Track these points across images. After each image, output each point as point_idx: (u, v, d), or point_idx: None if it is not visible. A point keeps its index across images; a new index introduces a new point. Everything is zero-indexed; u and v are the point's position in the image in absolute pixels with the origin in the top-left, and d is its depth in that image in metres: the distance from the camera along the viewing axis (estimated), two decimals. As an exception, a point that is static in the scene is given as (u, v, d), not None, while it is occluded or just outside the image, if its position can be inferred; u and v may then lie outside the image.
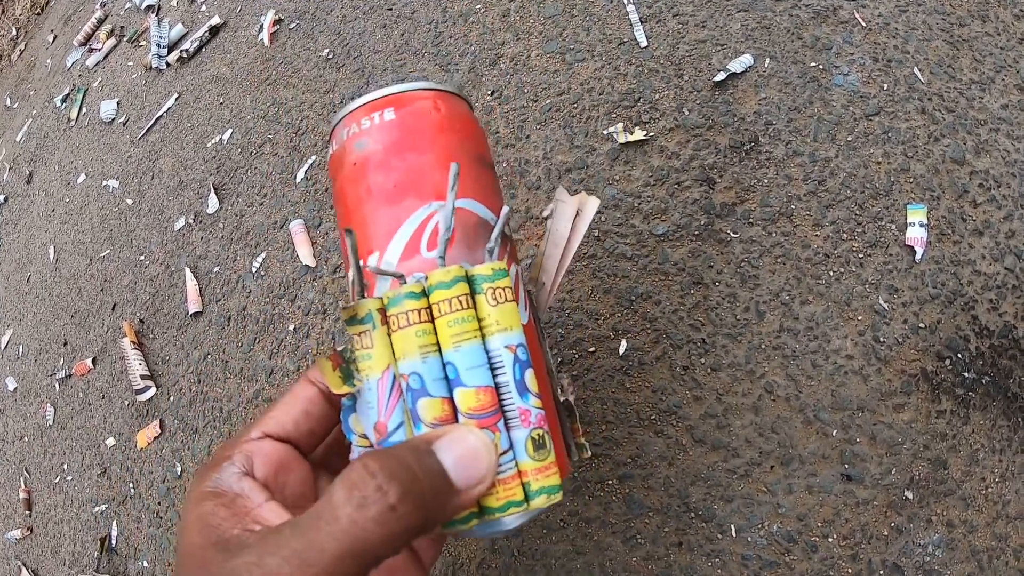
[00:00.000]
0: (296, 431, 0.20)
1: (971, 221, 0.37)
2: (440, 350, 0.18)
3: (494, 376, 0.18)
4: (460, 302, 0.18)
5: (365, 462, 0.15)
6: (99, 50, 0.85)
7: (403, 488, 0.15)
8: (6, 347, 0.73)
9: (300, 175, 0.50)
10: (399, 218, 0.19)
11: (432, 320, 0.18)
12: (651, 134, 0.39)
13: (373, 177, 0.20)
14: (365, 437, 0.18)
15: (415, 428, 0.17)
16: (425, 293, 0.18)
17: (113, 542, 0.52)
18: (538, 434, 0.18)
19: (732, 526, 0.31)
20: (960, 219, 0.37)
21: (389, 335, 0.18)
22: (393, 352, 0.18)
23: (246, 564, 0.15)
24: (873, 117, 0.40)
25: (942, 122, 0.39)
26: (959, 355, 0.35)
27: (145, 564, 0.48)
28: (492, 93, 0.44)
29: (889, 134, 0.39)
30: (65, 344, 0.66)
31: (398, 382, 0.18)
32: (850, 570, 0.31)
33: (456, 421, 0.17)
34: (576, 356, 0.36)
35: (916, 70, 0.41)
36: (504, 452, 0.18)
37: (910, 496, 0.32)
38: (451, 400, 0.18)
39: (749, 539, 0.31)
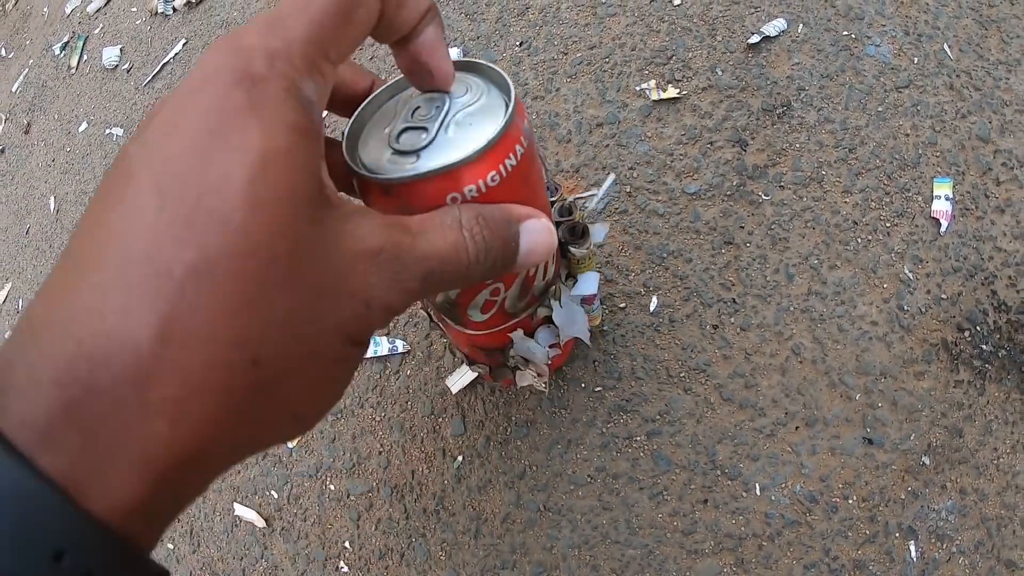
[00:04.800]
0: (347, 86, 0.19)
1: (994, 198, 0.36)
2: None
3: None
4: None
5: (480, 212, 0.16)
6: (101, -2, 0.79)
7: (490, 242, 0.16)
8: (5, 301, 0.68)
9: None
10: None
11: None
12: (684, 92, 0.37)
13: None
14: None
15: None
16: None
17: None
18: None
19: (757, 484, 0.30)
20: (983, 195, 0.36)
21: None
22: None
23: (354, 230, 0.14)
24: (903, 89, 0.38)
25: (969, 99, 0.38)
26: (978, 328, 0.34)
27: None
28: (520, 44, 0.41)
29: (918, 107, 0.37)
30: (63, 295, 0.62)
31: None
32: (867, 531, 0.30)
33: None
34: (606, 311, 0.33)
35: (946, 46, 0.39)
36: None
37: (927, 462, 0.31)
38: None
39: (773, 498, 0.30)
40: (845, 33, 0.39)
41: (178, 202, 0.11)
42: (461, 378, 0.34)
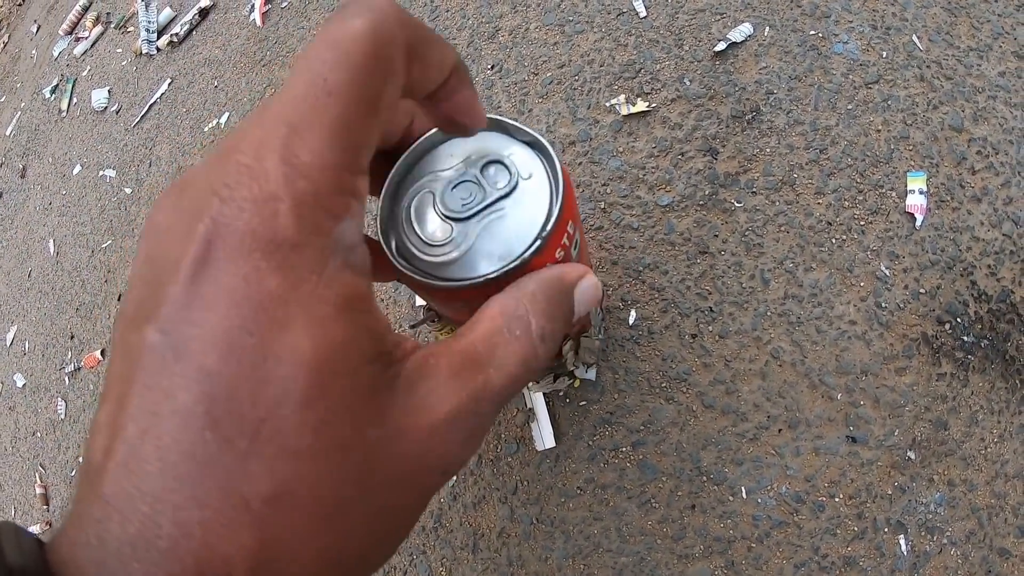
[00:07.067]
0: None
1: (969, 188, 0.37)
2: None
3: None
4: None
5: (545, 306, 0.15)
6: (86, 38, 0.83)
7: (555, 334, 0.15)
8: (11, 344, 0.72)
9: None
10: None
11: None
12: (653, 105, 0.39)
13: None
14: None
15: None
16: None
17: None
18: None
19: (743, 488, 0.32)
20: (959, 186, 0.37)
21: None
22: None
23: (422, 402, 0.13)
24: (873, 85, 0.39)
25: (940, 90, 0.39)
26: (958, 320, 0.35)
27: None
28: (492, 67, 0.43)
29: (888, 102, 0.39)
30: (72, 338, 0.65)
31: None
32: (856, 528, 0.31)
33: None
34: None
35: (915, 37, 0.40)
36: None
37: (912, 456, 0.32)
38: None
39: (759, 500, 0.31)
40: (812, 32, 0.40)
41: (238, 434, 0.11)
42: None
